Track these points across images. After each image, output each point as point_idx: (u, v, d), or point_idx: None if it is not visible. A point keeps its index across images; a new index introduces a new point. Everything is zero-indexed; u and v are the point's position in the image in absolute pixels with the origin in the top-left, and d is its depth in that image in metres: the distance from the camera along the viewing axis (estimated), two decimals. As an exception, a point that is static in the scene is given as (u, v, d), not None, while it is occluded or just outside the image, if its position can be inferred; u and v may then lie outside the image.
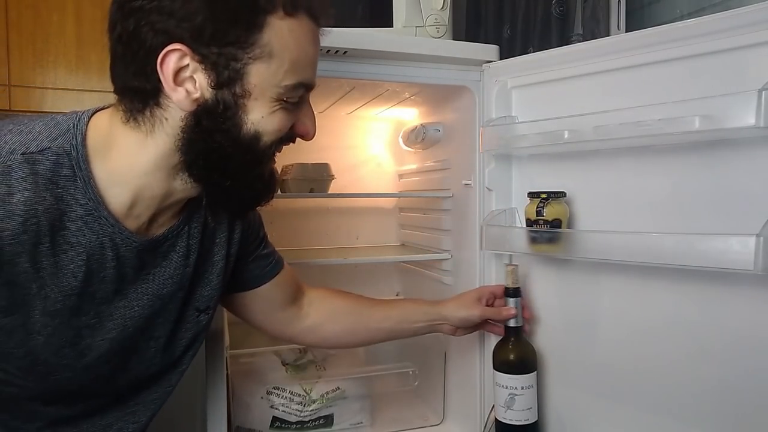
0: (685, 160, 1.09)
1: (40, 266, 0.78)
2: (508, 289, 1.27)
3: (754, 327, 1.00)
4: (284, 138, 0.89)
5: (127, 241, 0.86)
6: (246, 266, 1.14)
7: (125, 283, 0.89)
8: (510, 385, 1.26)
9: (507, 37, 1.90)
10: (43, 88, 1.34)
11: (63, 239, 0.80)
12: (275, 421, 1.53)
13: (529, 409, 1.26)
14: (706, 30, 1.03)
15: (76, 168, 0.81)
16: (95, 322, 0.86)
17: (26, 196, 0.76)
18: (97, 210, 0.82)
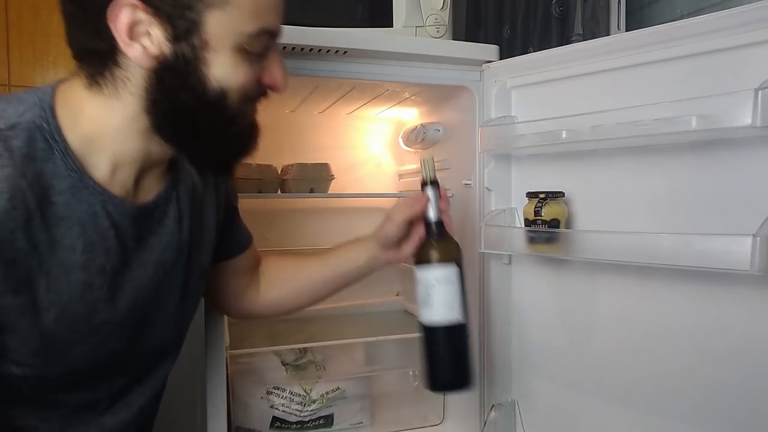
0: (682, 160, 1.09)
1: (35, 242, 0.76)
2: (423, 182, 1.14)
3: (751, 327, 1.00)
4: (254, 92, 0.86)
5: (119, 209, 0.84)
6: (225, 235, 1.13)
7: (128, 253, 0.87)
8: (424, 279, 1.09)
9: (507, 37, 1.90)
10: (43, 89, 1.35)
11: (53, 213, 0.78)
12: (275, 421, 1.53)
13: (448, 307, 1.07)
14: (704, 29, 1.03)
15: (51, 140, 0.78)
16: (108, 296, 0.85)
17: (7, 172, 0.73)
18: (82, 180, 0.80)
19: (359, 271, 1.22)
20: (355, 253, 1.21)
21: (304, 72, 1.33)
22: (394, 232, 1.14)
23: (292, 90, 1.59)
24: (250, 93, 0.85)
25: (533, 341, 1.40)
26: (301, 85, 1.52)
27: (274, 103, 1.80)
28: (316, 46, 1.28)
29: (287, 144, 1.87)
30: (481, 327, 1.46)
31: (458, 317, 1.08)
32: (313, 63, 1.32)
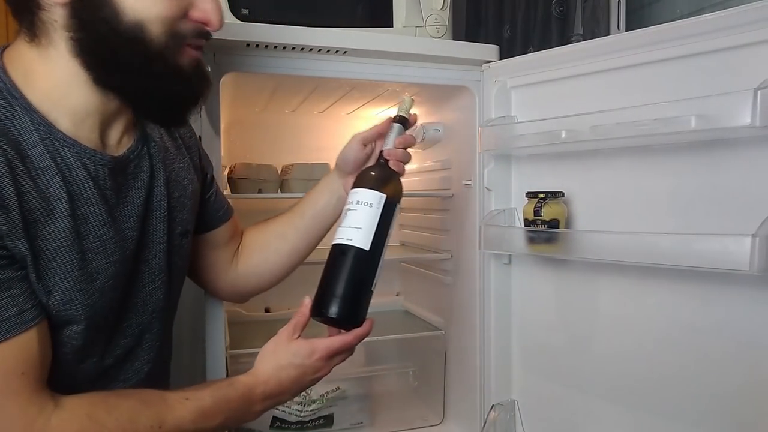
0: (682, 160, 1.09)
1: (22, 190, 0.77)
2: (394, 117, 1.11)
3: (750, 326, 1.00)
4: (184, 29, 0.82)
5: (93, 159, 0.85)
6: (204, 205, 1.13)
7: (110, 206, 0.88)
8: (348, 200, 1.02)
9: (507, 37, 1.90)
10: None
11: (32, 165, 0.79)
12: (275, 421, 1.53)
13: (358, 229, 0.98)
14: (704, 29, 1.03)
15: (10, 97, 0.80)
16: (97, 245, 0.86)
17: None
18: (51, 133, 0.81)
19: (326, 208, 1.17)
20: (317, 191, 1.19)
21: (304, 72, 1.33)
22: (350, 153, 1.12)
23: (292, 90, 1.61)
24: (178, 28, 0.81)
25: (533, 341, 1.40)
26: (301, 85, 1.52)
27: (274, 104, 1.81)
28: (316, 46, 1.28)
29: (287, 144, 1.88)
30: (481, 327, 1.46)
31: (364, 244, 0.98)
32: (313, 63, 1.32)
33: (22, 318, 0.77)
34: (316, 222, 1.18)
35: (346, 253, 0.98)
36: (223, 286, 1.21)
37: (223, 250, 1.18)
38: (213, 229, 1.16)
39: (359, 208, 1.00)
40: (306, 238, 1.19)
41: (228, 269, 1.19)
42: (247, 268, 1.20)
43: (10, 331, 0.75)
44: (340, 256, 0.98)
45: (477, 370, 1.48)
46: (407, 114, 1.11)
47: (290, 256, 1.21)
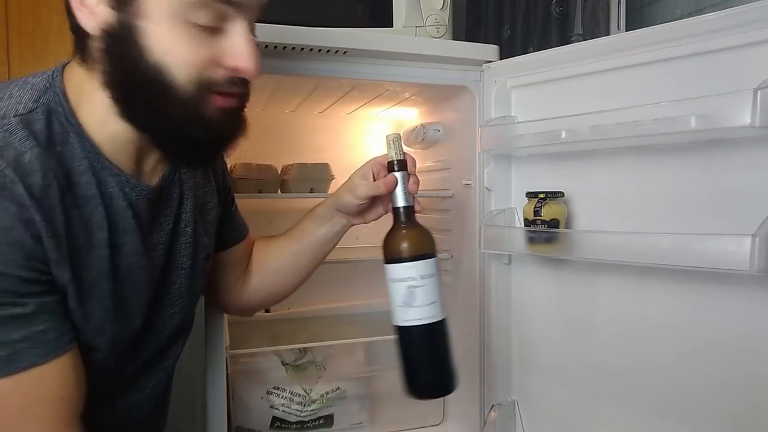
0: (682, 160, 1.09)
1: (70, 219, 0.77)
2: (390, 163, 1.02)
3: (750, 327, 1.00)
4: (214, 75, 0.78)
5: (135, 190, 0.85)
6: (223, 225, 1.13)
7: (145, 235, 0.88)
8: (406, 276, 0.97)
9: (507, 37, 1.90)
10: (43, 89, 1.35)
11: (79, 193, 0.79)
12: (275, 421, 1.53)
13: (434, 304, 0.97)
14: (704, 29, 1.03)
15: (66, 123, 0.79)
16: (128, 275, 0.86)
17: (36, 152, 0.74)
18: (99, 161, 0.81)
19: (324, 241, 1.15)
20: (314, 225, 1.15)
21: (304, 72, 1.33)
22: (355, 206, 1.08)
23: (292, 90, 1.61)
24: (206, 76, 0.78)
25: (533, 341, 1.40)
26: (301, 85, 1.52)
27: (274, 104, 1.81)
28: (316, 46, 1.28)
29: (287, 144, 1.87)
30: (481, 327, 1.46)
31: (442, 313, 0.99)
32: (313, 63, 1.32)
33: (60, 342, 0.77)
34: (313, 250, 1.16)
35: (436, 331, 0.98)
36: (230, 301, 1.22)
37: (235, 268, 1.19)
38: (229, 247, 1.15)
39: (426, 283, 0.97)
40: (304, 264, 1.18)
41: (235, 286, 1.19)
42: (249, 286, 1.20)
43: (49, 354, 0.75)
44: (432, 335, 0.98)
45: (477, 370, 1.48)
46: (402, 154, 1.04)
47: (289, 278, 1.20)
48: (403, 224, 1.01)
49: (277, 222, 1.78)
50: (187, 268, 0.98)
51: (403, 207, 1.02)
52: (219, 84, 0.79)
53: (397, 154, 1.03)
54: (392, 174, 1.02)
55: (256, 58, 0.79)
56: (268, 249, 1.20)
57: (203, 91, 0.78)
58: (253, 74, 0.79)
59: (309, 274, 1.20)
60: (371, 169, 1.07)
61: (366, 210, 1.11)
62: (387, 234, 1.02)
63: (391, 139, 1.03)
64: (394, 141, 1.03)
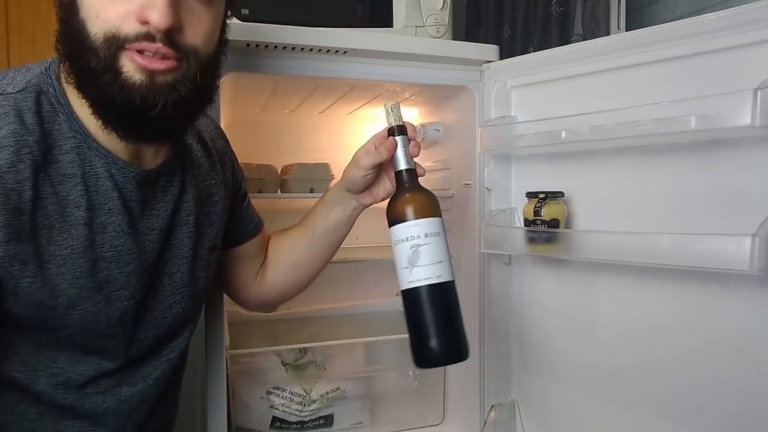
0: (682, 160, 1.09)
1: (41, 195, 0.79)
2: (390, 129, 1.02)
3: (749, 327, 1.00)
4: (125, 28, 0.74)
5: (123, 171, 0.85)
6: (235, 220, 1.13)
7: (134, 217, 0.89)
8: (411, 235, 0.93)
9: (507, 37, 1.90)
10: (43, 89, 1.35)
11: (57, 171, 0.81)
12: (275, 421, 1.53)
13: (440, 263, 0.93)
14: (704, 29, 1.03)
15: (56, 103, 0.82)
16: (112, 255, 0.86)
17: (12, 128, 0.77)
18: (86, 142, 0.83)
19: (336, 226, 1.13)
20: (327, 205, 1.13)
21: (304, 72, 1.33)
22: (360, 178, 1.06)
23: (292, 90, 1.60)
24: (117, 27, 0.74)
25: (533, 341, 1.40)
26: (301, 85, 1.52)
27: (274, 104, 1.81)
28: (316, 46, 1.28)
29: (287, 144, 1.87)
30: (481, 327, 1.46)
31: (449, 275, 0.95)
32: (313, 63, 1.32)
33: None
34: (328, 236, 1.15)
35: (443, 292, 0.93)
36: (250, 297, 1.21)
37: (251, 263, 1.18)
38: (243, 243, 1.15)
39: (431, 241, 0.93)
40: (320, 252, 1.17)
41: (254, 281, 1.19)
42: (267, 280, 1.20)
43: None
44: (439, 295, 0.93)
45: (477, 370, 1.48)
46: (401, 120, 1.03)
47: (305, 269, 1.19)
48: (406, 186, 1.00)
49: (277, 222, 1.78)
50: (189, 258, 0.98)
51: (405, 169, 1.00)
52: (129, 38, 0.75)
53: (396, 120, 1.02)
54: (392, 138, 1.01)
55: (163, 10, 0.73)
56: (283, 241, 1.20)
57: (113, 45, 0.75)
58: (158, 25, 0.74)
59: (326, 262, 1.19)
60: (373, 142, 1.06)
61: (373, 185, 1.09)
62: (390, 199, 1.01)
63: (390, 107, 1.03)
64: (393, 108, 1.02)
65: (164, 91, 0.78)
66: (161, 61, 0.76)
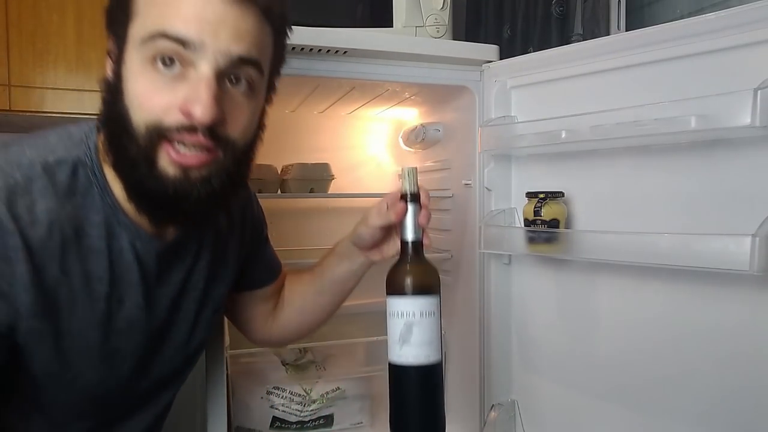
0: (682, 160, 1.09)
1: (68, 271, 0.79)
2: (403, 195, 0.97)
3: (750, 327, 1.00)
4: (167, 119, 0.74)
5: (146, 245, 0.86)
6: (251, 266, 1.13)
7: (149, 288, 0.89)
8: (406, 311, 0.93)
9: (507, 37, 1.90)
10: (43, 88, 1.34)
11: (86, 246, 0.81)
12: (275, 421, 1.53)
13: (430, 344, 0.93)
14: (704, 29, 1.03)
15: (92, 175, 0.82)
16: (124, 327, 0.87)
17: (48, 204, 0.77)
18: (116, 215, 0.83)
19: (344, 279, 1.14)
20: (334, 261, 1.13)
21: (304, 72, 1.33)
22: (369, 236, 1.05)
23: (292, 90, 1.60)
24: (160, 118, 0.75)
25: (533, 341, 1.40)
26: (301, 85, 1.52)
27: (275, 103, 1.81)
28: (316, 46, 1.28)
29: (287, 144, 1.87)
30: (481, 327, 1.46)
31: (438, 356, 0.94)
32: (313, 63, 1.32)
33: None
34: (335, 288, 1.15)
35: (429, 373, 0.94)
36: (257, 334, 1.22)
37: (265, 305, 1.19)
38: (260, 287, 1.16)
39: (423, 322, 0.93)
40: (327, 300, 1.18)
41: (266, 321, 1.20)
42: (277, 322, 1.20)
43: None
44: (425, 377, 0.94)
45: (477, 370, 1.48)
46: (416, 186, 0.98)
47: (313, 316, 1.20)
48: (409, 258, 0.97)
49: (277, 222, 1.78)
50: (192, 321, 0.99)
51: (411, 241, 0.97)
52: (171, 129, 0.75)
53: (411, 186, 0.98)
54: (403, 204, 0.97)
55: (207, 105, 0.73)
56: (295, 286, 1.21)
57: (153, 136, 0.75)
58: (201, 121, 0.74)
59: (332, 311, 1.20)
60: (386, 201, 1.03)
61: (382, 243, 1.08)
62: (393, 265, 0.99)
63: (407, 171, 0.99)
64: (410, 173, 0.99)
65: (198, 185, 0.78)
66: (196, 156, 0.76)
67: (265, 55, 0.82)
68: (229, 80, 0.77)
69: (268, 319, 1.20)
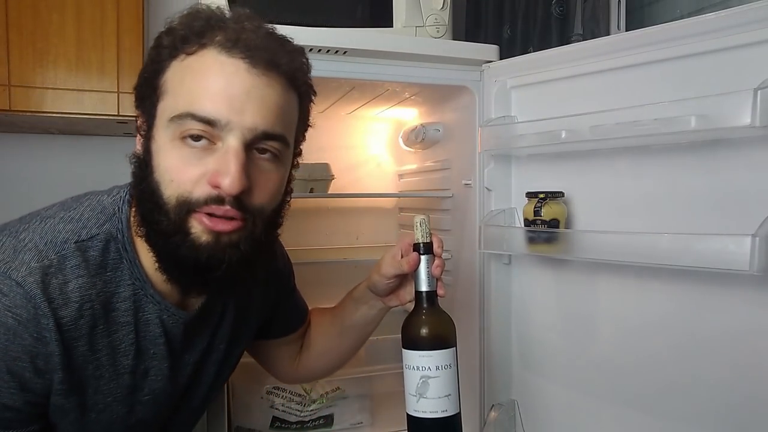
0: (682, 160, 1.09)
1: (96, 348, 0.80)
2: (416, 245, 0.98)
3: (750, 327, 1.00)
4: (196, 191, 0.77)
5: (173, 318, 0.87)
6: (277, 317, 1.15)
7: (174, 358, 0.90)
8: (422, 365, 0.94)
9: (507, 37, 1.90)
10: (43, 88, 1.34)
11: (114, 320, 0.82)
12: (275, 421, 1.53)
13: (448, 397, 0.94)
14: (704, 29, 1.03)
15: (122, 250, 0.83)
16: (149, 399, 0.88)
17: (80, 282, 0.78)
18: (144, 289, 0.84)
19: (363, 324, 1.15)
20: (352, 306, 1.15)
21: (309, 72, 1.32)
22: (385, 285, 1.06)
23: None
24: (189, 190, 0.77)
25: (533, 341, 1.40)
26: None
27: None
28: (316, 46, 1.28)
29: (287, 144, 1.87)
30: (481, 327, 1.46)
31: (456, 408, 0.95)
32: (313, 63, 1.32)
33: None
34: (355, 331, 1.17)
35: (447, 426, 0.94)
36: (281, 373, 1.26)
37: (290, 348, 1.22)
38: (287, 334, 1.18)
39: (441, 374, 0.94)
40: (348, 343, 1.20)
41: (292, 363, 1.23)
42: (300, 363, 1.23)
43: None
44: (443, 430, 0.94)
45: (477, 370, 1.48)
46: (428, 237, 0.99)
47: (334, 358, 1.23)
48: (423, 309, 0.98)
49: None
50: (210, 383, 1.00)
51: (425, 291, 0.98)
52: (200, 201, 0.77)
53: (423, 236, 0.99)
54: (416, 254, 0.98)
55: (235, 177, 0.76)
56: (318, 327, 1.23)
57: (184, 207, 0.77)
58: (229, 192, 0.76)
59: (355, 351, 1.22)
60: (400, 249, 1.04)
61: (399, 289, 1.08)
62: (407, 316, 0.99)
63: (419, 221, 1.00)
64: (422, 223, 0.99)
65: (228, 250, 0.79)
66: (227, 222, 0.78)
67: (291, 125, 0.85)
68: (255, 149, 0.80)
69: (294, 361, 1.22)
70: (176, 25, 0.80)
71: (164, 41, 0.80)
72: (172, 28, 0.81)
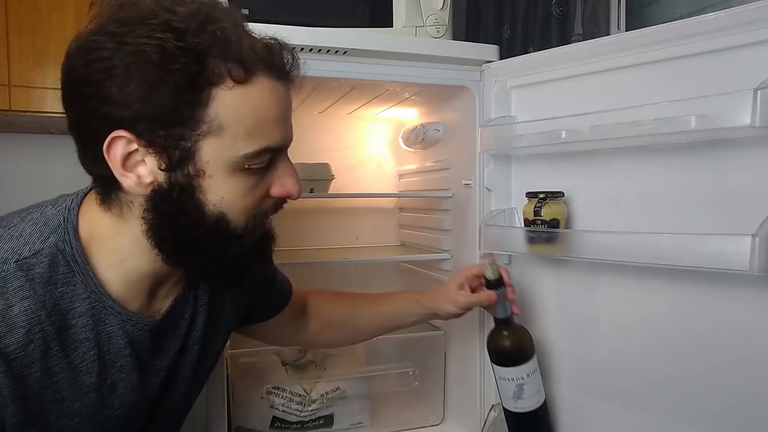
0: (682, 160, 1.09)
1: (52, 371, 0.76)
2: (488, 282, 1.19)
3: (750, 327, 1.00)
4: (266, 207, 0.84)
5: (137, 326, 0.84)
6: (258, 304, 1.14)
7: (143, 367, 0.87)
8: (516, 377, 1.20)
9: (507, 37, 1.90)
10: (43, 88, 1.34)
11: (70, 338, 0.78)
12: (275, 421, 1.53)
13: (538, 392, 1.22)
14: (704, 29, 1.02)
15: (73, 263, 0.78)
16: (120, 413, 0.85)
17: (26, 305, 0.73)
18: (102, 301, 0.80)
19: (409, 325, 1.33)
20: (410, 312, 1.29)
21: (304, 72, 1.32)
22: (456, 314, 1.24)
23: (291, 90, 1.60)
24: (260, 209, 0.84)
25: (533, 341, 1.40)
26: (301, 85, 1.52)
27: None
28: (316, 46, 1.28)
29: (287, 144, 1.87)
30: (482, 327, 1.46)
31: (543, 395, 1.24)
32: (313, 63, 1.31)
33: None
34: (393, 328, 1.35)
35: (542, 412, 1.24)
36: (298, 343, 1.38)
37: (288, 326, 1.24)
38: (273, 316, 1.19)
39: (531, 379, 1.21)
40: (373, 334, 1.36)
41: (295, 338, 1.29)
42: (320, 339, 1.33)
43: None
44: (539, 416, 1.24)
45: (477, 370, 1.48)
46: (499, 273, 1.19)
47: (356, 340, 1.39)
48: (506, 331, 1.21)
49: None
50: (187, 386, 0.98)
51: (507, 317, 1.21)
52: (269, 213, 0.86)
53: (494, 274, 1.19)
54: (493, 292, 1.19)
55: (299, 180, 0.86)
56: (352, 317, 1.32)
57: (258, 224, 0.84)
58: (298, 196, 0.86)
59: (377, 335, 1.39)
60: (466, 280, 1.23)
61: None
62: (492, 337, 1.23)
63: (488, 263, 1.20)
64: (491, 264, 1.19)
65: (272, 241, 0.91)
66: None
67: None
68: None
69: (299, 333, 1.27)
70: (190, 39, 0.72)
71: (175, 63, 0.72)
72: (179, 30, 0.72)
